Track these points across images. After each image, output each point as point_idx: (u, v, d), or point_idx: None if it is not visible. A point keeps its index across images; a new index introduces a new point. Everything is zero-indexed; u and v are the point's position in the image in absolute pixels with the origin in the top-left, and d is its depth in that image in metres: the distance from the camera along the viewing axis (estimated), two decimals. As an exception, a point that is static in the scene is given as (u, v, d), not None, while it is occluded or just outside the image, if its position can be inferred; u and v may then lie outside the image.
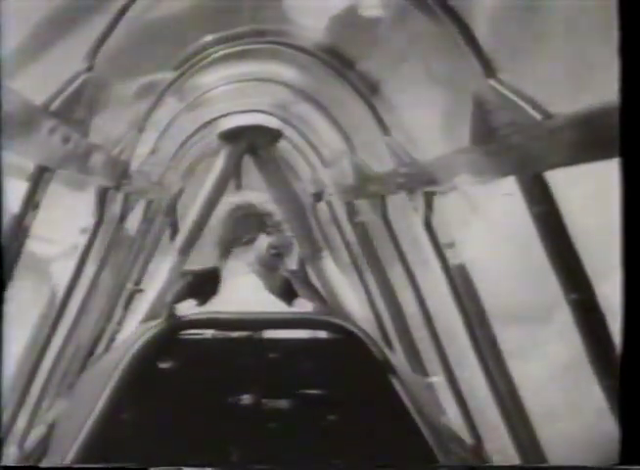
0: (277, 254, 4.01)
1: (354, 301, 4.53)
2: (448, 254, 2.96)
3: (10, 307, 1.93)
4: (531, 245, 2.07)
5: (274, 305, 3.58)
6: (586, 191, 1.99)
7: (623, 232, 1.43)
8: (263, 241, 4.01)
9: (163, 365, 2.51)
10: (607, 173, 1.49)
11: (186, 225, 4.30)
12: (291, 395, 2.46)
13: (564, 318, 1.99)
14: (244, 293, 3.79)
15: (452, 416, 3.35)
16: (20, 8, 1.82)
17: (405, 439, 2.36)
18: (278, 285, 3.90)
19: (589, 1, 1.65)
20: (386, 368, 2.46)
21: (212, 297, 3.81)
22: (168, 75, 3.44)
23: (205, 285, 3.91)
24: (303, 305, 3.76)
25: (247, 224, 4.03)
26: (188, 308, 3.70)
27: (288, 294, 3.84)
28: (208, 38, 3.32)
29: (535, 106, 1.92)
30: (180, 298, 3.94)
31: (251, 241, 3.98)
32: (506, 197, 2.28)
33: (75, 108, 2.34)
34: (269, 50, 3.50)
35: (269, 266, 3.96)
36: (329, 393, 2.46)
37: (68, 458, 2.27)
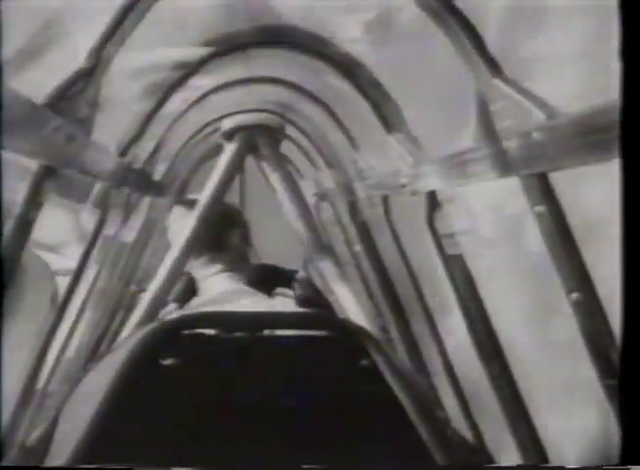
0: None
1: (356, 300, 4.52)
2: (449, 250, 2.96)
3: (10, 307, 1.93)
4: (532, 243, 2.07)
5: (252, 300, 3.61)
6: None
7: (623, 232, 1.43)
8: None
9: (165, 362, 2.51)
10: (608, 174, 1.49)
11: (188, 225, 4.30)
12: (292, 393, 2.47)
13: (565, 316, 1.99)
14: (219, 291, 3.82)
15: (453, 416, 3.35)
16: (21, 7, 1.82)
17: (405, 438, 2.36)
18: (252, 276, 3.92)
19: (590, 1, 1.65)
20: (386, 367, 2.46)
21: (192, 298, 3.85)
22: (171, 75, 3.44)
23: (186, 289, 3.96)
24: (283, 295, 3.78)
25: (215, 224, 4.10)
26: (169, 312, 3.74)
27: (265, 284, 3.86)
28: (211, 38, 3.33)
29: (540, 105, 1.92)
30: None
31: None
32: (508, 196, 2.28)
33: (78, 107, 2.34)
34: (272, 49, 3.50)
35: (240, 257, 4.01)
36: (329, 392, 2.46)
37: (69, 458, 2.27)
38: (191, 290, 3.99)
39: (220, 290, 3.83)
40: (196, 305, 3.73)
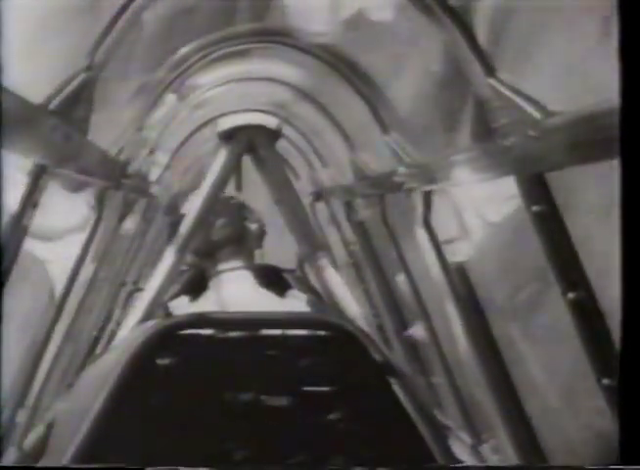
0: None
1: (353, 300, 4.53)
2: (447, 251, 2.96)
3: (8, 307, 1.92)
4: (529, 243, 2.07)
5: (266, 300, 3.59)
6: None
7: (623, 232, 1.43)
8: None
9: (162, 362, 2.51)
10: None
11: (185, 225, 4.30)
12: (289, 392, 2.47)
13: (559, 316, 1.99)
14: (234, 288, 3.82)
15: (451, 415, 3.35)
16: (20, 7, 1.82)
17: (404, 438, 2.36)
18: (262, 276, 3.91)
19: (589, 1, 1.65)
20: (383, 367, 2.46)
21: (203, 292, 3.84)
22: (168, 75, 3.44)
23: (196, 282, 3.94)
24: (295, 297, 3.77)
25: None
26: (182, 305, 3.73)
27: (275, 285, 3.85)
28: (209, 37, 3.32)
29: (535, 105, 1.92)
30: (176, 295, 3.96)
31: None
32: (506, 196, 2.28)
33: (75, 107, 2.34)
34: (269, 49, 3.50)
35: (252, 253, 4.02)
36: (328, 391, 2.46)
37: (68, 458, 2.27)
38: (200, 283, 3.98)
39: (236, 289, 3.83)
40: (213, 302, 3.73)
